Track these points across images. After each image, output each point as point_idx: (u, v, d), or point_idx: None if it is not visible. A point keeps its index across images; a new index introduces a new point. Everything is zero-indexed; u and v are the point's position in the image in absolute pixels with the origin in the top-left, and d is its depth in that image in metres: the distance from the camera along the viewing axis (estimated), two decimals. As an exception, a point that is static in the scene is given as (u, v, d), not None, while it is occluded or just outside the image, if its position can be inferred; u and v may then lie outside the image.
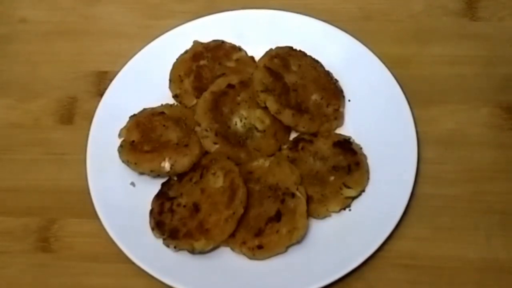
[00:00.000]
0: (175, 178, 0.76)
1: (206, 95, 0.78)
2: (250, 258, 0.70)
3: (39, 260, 0.75)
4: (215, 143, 0.76)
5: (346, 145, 0.76)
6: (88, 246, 0.75)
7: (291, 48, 0.83)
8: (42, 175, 0.80)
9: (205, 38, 0.86)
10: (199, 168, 0.75)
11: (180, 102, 0.82)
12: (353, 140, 0.77)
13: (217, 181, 0.73)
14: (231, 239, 0.70)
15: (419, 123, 0.77)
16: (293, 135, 0.79)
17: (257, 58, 0.84)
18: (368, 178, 0.74)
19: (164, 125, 0.78)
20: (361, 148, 0.77)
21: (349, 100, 0.81)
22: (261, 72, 0.79)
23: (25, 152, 0.82)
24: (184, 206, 0.73)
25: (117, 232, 0.72)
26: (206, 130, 0.76)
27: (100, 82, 0.86)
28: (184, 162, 0.75)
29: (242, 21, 0.87)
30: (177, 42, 0.85)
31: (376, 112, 0.79)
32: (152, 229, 0.72)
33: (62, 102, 0.86)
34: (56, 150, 0.82)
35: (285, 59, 0.81)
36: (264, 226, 0.70)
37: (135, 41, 0.87)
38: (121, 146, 0.77)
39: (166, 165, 0.74)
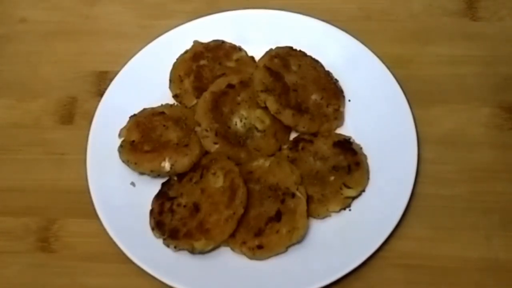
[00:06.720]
0: (175, 178, 0.76)
1: (206, 95, 0.78)
2: (250, 258, 0.70)
3: (39, 260, 0.75)
4: (215, 143, 0.76)
5: (346, 145, 0.76)
6: (88, 246, 0.74)
7: (291, 48, 0.83)
8: (42, 175, 0.80)
9: (205, 38, 0.86)
10: (199, 168, 0.75)
11: (180, 102, 0.82)
12: (353, 140, 0.77)
13: (217, 181, 0.73)
14: (231, 239, 0.70)
15: (419, 123, 0.77)
16: (293, 135, 0.79)
17: (257, 58, 0.84)
18: (368, 178, 0.74)
19: (164, 125, 0.78)
20: (361, 148, 0.77)
21: (349, 100, 0.81)
22: (261, 72, 0.79)
23: (25, 152, 0.82)
24: (184, 206, 0.73)
25: (117, 232, 0.72)
26: (206, 130, 0.76)
27: (100, 82, 0.86)
28: (184, 162, 0.75)
29: (242, 21, 0.87)
30: (177, 42, 0.85)
31: (376, 112, 0.79)
32: (152, 229, 0.73)
33: (62, 102, 0.86)
34: (56, 150, 0.82)
35: (285, 59, 0.81)
36: (264, 226, 0.70)
37: (135, 41, 0.87)
38: (121, 146, 0.77)
39: (166, 165, 0.74)
